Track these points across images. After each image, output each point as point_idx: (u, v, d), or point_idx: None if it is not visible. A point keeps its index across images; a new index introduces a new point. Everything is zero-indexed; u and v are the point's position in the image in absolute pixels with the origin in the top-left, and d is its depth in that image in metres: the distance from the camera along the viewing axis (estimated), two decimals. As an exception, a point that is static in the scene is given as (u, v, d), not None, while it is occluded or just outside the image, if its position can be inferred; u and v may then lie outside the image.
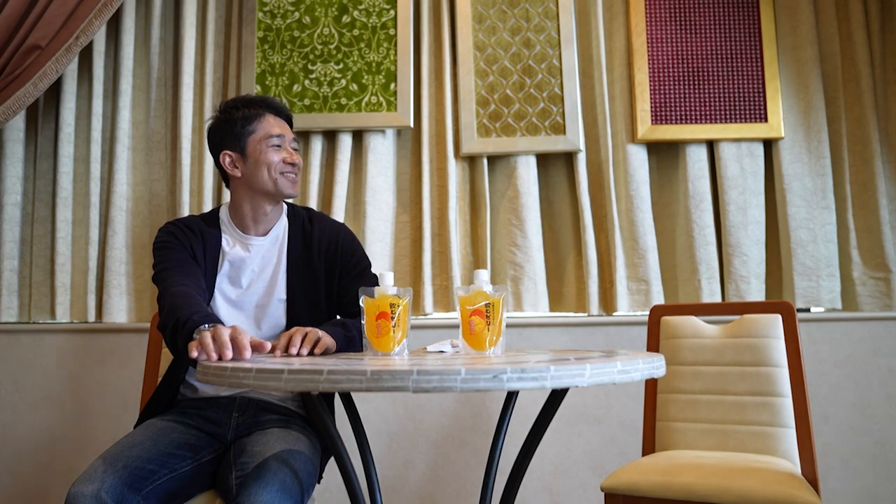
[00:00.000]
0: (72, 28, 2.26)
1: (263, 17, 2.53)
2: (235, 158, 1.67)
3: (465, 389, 0.94)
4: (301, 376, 1.00)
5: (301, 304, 1.65)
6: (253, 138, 1.66)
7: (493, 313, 1.28)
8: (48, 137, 2.53)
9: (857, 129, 2.44)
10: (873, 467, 2.29)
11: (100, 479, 1.29)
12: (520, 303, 2.38)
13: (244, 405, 1.60)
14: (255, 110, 1.69)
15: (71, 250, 2.44)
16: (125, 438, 1.45)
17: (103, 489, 1.27)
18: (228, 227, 1.71)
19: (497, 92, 2.47)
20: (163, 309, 1.48)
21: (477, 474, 2.31)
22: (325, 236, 1.71)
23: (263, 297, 1.65)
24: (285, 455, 1.37)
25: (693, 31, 2.49)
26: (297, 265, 1.68)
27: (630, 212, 2.40)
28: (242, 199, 1.69)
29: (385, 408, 2.37)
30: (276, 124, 1.69)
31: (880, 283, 2.36)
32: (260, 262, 1.67)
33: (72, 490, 1.27)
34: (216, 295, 1.63)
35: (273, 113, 1.71)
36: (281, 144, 1.67)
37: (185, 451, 1.45)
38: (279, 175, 1.65)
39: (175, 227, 1.68)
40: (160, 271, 1.59)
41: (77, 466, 2.37)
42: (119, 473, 1.31)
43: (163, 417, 1.56)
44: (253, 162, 1.66)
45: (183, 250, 1.63)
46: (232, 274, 1.65)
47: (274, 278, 1.66)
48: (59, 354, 2.42)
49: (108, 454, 1.37)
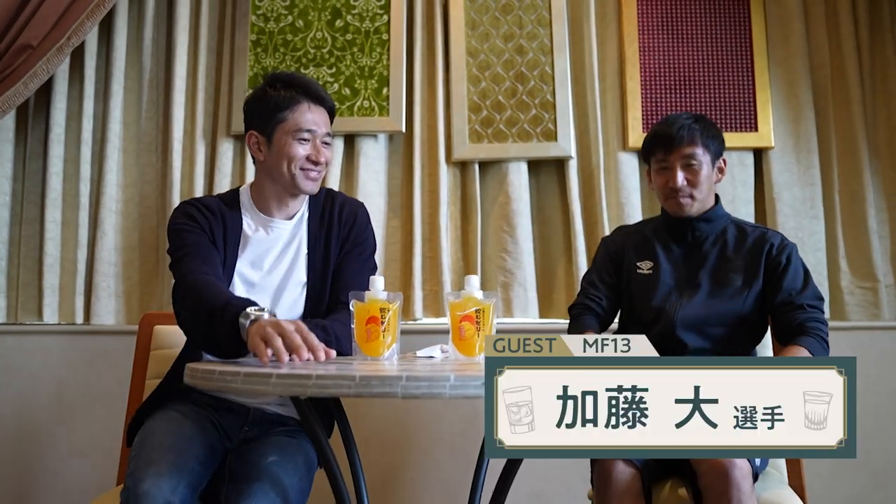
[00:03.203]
0: (63, 28, 2.25)
1: (256, 20, 2.53)
2: (261, 142, 1.57)
3: (454, 396, 0.94)
4: (289, 381, 1.00)
5: (321, 286, 1.58)
6: (282, 127, 1.54)
7: (483, 319, 1.28)
8: (38, 138, 2.51)
9: (845, 140, 2.46)
10: (859, 476, 2.30)
11: (175, 478, 1.26)
12: (510, 309, 2.38)
13: (257, 419, 1.55)
14: (292, 94, 1.55)
15: (60, 251, 2.43)
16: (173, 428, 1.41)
17: (178, 492, 1.24)
18: (250, 208, 1.62)
19: (489, 98, 2.48)
20: (185, 299, 1.41)
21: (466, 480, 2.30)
22: (345, 210, 1.64)
23: (283, 281, 1.58)
24: (278, 471, 1.35)
25: (684, 40, 2.50)
26: (316, 246, 1.60)
27: (621, 219, 2.40)
28: (266, 184, 1.61)
29: (374, 413, 2.36)
30: (310, 116, 1.56)
31: (868, 293, 2.38)
32: (282, 245, 1.60)
33: (145, 485, 1.22)
34: (235, 279, 1.55)
35: (312, 101, 1.57)
36: (310, 139, 1.55)
37: (213, 455, 1.43)
38: (299, 171, 1.55)
39: (194, 207, 1.57)
40: (179, 258, 1.50)
41: (61, 470, 2.35)
42: (191, 475, 1.29)
43: (184, 409, 1.49)
44: (276, 151, 1.55)
45: (201, 234, 1.53)
46: (253, 258, 1.58)
47: (295, 261, 1.59)
48: (45, 356, 2.40)
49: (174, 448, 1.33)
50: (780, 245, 1.71)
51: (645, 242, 1.81)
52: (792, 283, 1.67)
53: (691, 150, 1.70)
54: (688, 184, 1.70)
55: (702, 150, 1.71)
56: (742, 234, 1.75)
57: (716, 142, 1.74)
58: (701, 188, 1.71)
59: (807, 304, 1.64)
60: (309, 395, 0.98)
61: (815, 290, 1.69)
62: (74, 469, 2.35)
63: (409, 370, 1.02)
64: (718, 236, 1.75)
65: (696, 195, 1.71)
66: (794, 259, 1.69)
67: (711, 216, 1.75)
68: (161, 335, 1.84)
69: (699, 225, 1.75)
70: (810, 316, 1.63)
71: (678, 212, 1.73)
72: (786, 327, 1.64)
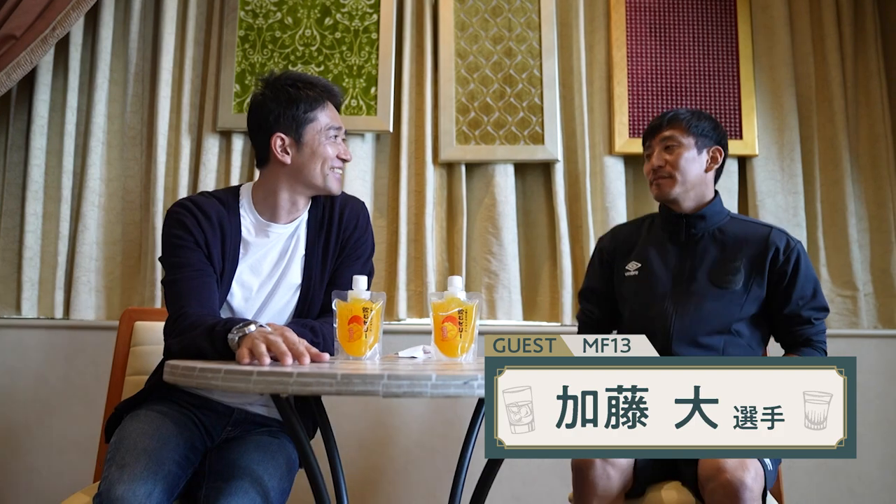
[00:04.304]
0: (48, 19, 2.22)
1: (245, 16, 2.51)
2: (289, 143, 1.54)
3: (436, 395, 0.94)
4: (270, 378, 0.99)
5: (316, 288, 1.57)
6: (313, 126, 1.54)
7: (466, 320, 1.28)
8: (20, 129, 2.48)
9: (828, 150, 2.49)
10: (836, 481, 2.32)
11: (151, 482, 1.24)
12: (493, 311, 2.39)
13: (240, 420, 1.54)
14: (319, 95, 1.57)
15: (40, 245, 2.40)
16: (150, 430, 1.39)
17: (153, 496, 1.22)
18: (250, 211, 1.59)
19: (477, 100, 2.48)
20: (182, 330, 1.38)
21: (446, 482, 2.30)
22: (346, 212, 1.62)
23: (278, 283, 1.56)
24: (259, 471, 1.34)
25: (672, 46, 2.52)
26: (314, 250, 1.59)
27: (605, 223, 2.41)
28: (280, 187, 1.57)
29: (355, 413, 2.35)
30: (334, 114, 1.60)
31: (847, 301, 2.41)
32: (280, 249, 1.58)
33: (118, 490, 1.21)
34: (234, 287, 1.53)
35: (333, 100, 1.61)
36: (338, 136, 1.58)
37: (192, 454, 1.41)
38: (329, 171, 1.55)
39: (190, 215, 1.52)
40: (172, 281, 1.47)
41: (38, 466, 2.32)
42: (166, 478, 1.27)
43: (165, 409, 1.48)
44: (309, 152, 1.54)
45: (196, 250, 1.49)
46: (252, 264, 1.56)
47: (290, 263, 1.57)
48: (23, 350, 2.37)
49: (149, 451, 1.31)
50: (786, 248, 1.65)
51: (635, 242, 1.79)
52: (801, 293, 1.64)
53: (671, 132, 1.70)
54: (666, 164, 1.69)
55: (683, 134, 1.69)
56: (743, 232, 1.69)
57: (704, 126, 1.71)
58: (682, 171, 1.68)
59: (814, 318, 1.65)
60: (290, 392, 0.97)
61: (822, 300, 1.67)
62: (52, 466, 2.32)
63: (390, 369, 1.01)
64: (716, 234, 1.70)
65: (676, 176, 1.68)
66: (802, 264, 1.65)
67: (708, 212, 1.70)
68: (142, 331, 1.83)
69: (695, 221, 1.70)
70: (818, 329, 1.65)
71: (660, 195, 1.71)
72: (793, 339, 1.66)
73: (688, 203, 1.71)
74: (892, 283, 2.41)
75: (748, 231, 1.70)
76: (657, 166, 1.69)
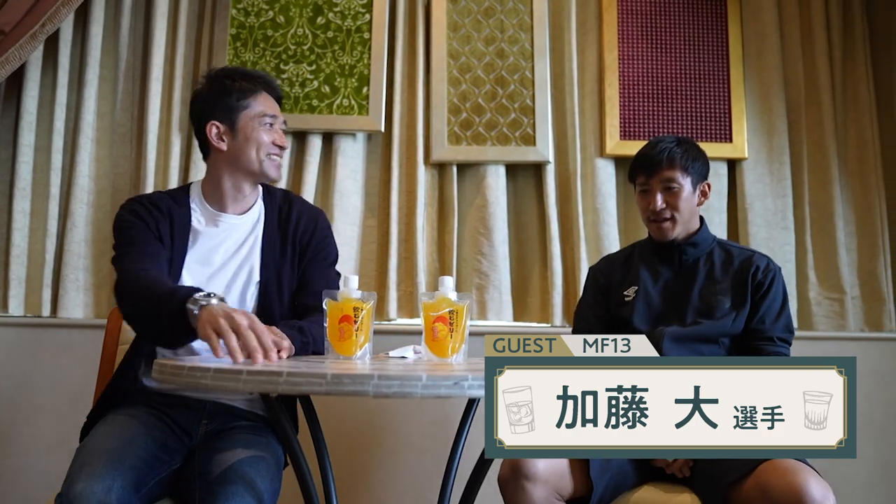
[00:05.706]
0: (38, 15, 2.20)
1: (237, 14, 2.50)
2: (223, 131, 1.61)
3: (426, 395, 0.94)
4: (260, 377, 0.99)
5: (273, 287, 1.59)
6: (246, 114, 1.61)
7: (457, 321, 1.28)
8: (8, 126, 2.46)
9: (817, 154, 2.51)
10: (822, 484, 2.34)
11: (110, 477, 1.23)
12: (484, 311, 2.39)
13: (214, 412, 1.54)
14: (252, 85, 1.63)
15: (27, 242, 2.37)
16: (115, 432, 1.39)
17: (113, 490, 1.22)
18: (200, 204, 1.64)
19: (469, 101, 2.48)
20: (127, 292, 1.40)
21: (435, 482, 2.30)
22: (303, 218, 1.67)
23: (235, 279, 1.58)
24: (251, 473, 1.34)
25: (663, 49, 2.53)
26: (271, 247, 1.62)
27: (596, 225, 2.42)
28: (222, 175, 1.63)
29: (344, 413, 2.35)
30: (270, 103, 1.65)
31: (835, 304, 2.43)
32: (234, 241, 1.61)
33: (77, 487, 1.21)
34: (184, 275, 1.55)
35: (269, 91, 1.66)
36: (273, 124, 1.63)
37: (165, 453, 1.41)
38: (266, 157, 1.61)
39: (140, 205, 1.59)
40: (123, 254, 1.50)
41: (24, 467, 2.29)
42: (126, 474, 1.26)
43: (133, 412, 1.48)
44: (243, 138, 1.60)
45: (147, 231, 1.54)
46: (203, 253, 1.58)
47: (247, 260, 1.60)
48: (9, 349, 2.34)
49: (110, 450, 1.31)
50: (766, 268, 1.72)
51: (630, 268, 1.83)
52: (768, 308, 1.69)
53: (671, 173, 1.73)
54: (667, 206, 1.73)
55: (681, 174, 1.73)
56: (729, 257, 1.77)
57: (697, 164, 1.76)
58: (681, 212, 1.73)
59: (777, 336, 1.68)
60: (280, 392, 0.97)
61: (787, 321, 1.72)
62: (38, 466, 2.30)
63: (380, 369, 1.01)
64: (706, 258, 1.77)
65: (676, 218, 1.73)
66: (776, 284, 1.72)
67: (698, 240, 1.77)
68: (130, 330, 1.80)
69: (686, 249, 1.77)
70: (778, 350, 1.68)
71: (660, 236, 1.76)
72: (754, 353, 1.68)
73: (680, 235, 1.76)
74: (879, 287, 2.43)
75: (733, 254, 1.77)
76: (660, 209, 1.73)
